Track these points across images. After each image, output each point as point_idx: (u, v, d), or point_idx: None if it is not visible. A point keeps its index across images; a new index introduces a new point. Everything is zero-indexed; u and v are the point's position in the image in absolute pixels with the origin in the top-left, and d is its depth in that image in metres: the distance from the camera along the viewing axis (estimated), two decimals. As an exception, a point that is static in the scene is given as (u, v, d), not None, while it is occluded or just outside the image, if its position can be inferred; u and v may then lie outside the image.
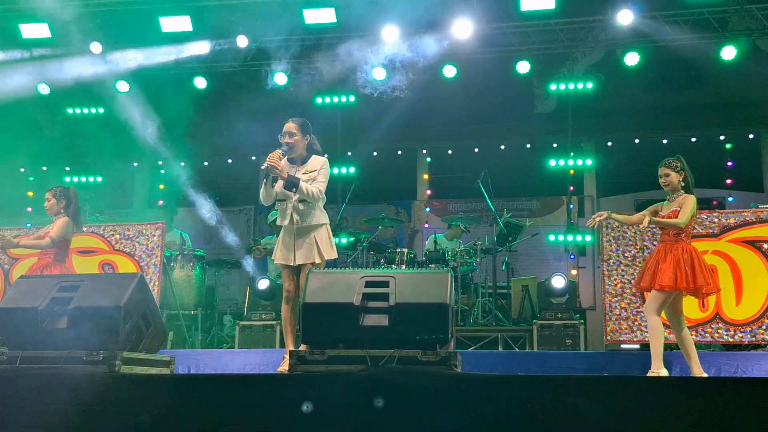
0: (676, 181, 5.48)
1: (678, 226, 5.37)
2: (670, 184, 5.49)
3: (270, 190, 5.37)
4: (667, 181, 5.50)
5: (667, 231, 5.47)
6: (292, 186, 5.25)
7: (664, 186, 5.53)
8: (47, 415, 3.28)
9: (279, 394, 3.24)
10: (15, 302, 4.32)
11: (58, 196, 6.41)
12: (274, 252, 5.52)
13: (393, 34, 9.49)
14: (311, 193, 5.29)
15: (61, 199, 6.40)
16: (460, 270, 8.81)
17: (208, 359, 6.78)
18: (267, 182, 5.35)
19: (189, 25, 9.64)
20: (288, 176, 5.27)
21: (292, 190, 5.26)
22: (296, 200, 5.32)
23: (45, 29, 9.75)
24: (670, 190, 5.52)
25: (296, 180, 5.27)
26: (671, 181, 5.48)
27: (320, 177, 5.38)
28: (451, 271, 4.14)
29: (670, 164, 5.51)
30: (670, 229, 5.44)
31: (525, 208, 11.84)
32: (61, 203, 6.39)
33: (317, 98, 10.94)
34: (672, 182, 5.48)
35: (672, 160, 5.54)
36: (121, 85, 10.42)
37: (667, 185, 5.51)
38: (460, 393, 3.11)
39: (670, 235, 5.45)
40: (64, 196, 6.42)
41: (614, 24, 9.34)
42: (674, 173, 5.49)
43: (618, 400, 2.98)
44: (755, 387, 3.02)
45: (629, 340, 7.00)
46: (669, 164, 5.51)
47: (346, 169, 11.35)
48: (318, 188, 5.34)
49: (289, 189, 5.27)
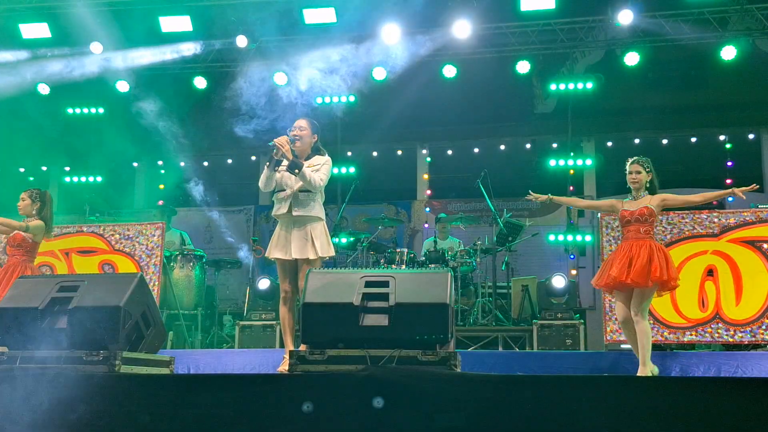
0: (644, 180, 5.60)
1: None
2: (638, 181, 5.60)
3: (271, 174, 5.36)
4: (637, 179, 5.60)
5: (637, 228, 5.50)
6: (295, 167, 5.24)
7: (633, 182, 5.62)
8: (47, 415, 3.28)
9: (279, 394, 3.24)
10: (15, 302, 4.31)
11: (34, 198, 6.42)
12: (268, 248, 5.48)
13: (393, 33, 9.49)
14: (312, 180, 5.29)
15: (36, 202, 6.41)
16: (460, 270, 8.81)
17: (208, 359, 6.78)
18: (270, 165, 5.35)
19: (189, 25, 9.65)
20: (293, 158, 5.26)
21: (295, 171, 5.25)
22: (297, 189, 5.32)
23: (45, 29, 9.76)
24: (636, 188, 5.62)
25: (300, 163, 5.28)
26: (641, 179, 5.60)
27: (323, 169, 5.43)
28: (451, 271, 4.14)
29: (642, 163, 5.63)
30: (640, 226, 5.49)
31: (525, 208, 11.84)
32: (35, 205, 6.40)
33: (317, 98, 10.94)
34: (641, 180, 5.60)
35: (643, 159, 5.66)
36: (121, 85, 10.42)
37: (636, 182, 5.61)
38: (460, 393, 3.11)
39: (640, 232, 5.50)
40: (40, 199, 6.42)
41: (614, 24, 9.35)
42: (644, 172, 5.61)
43: (618, 400, 2.98)
44: (755, 387, 3.02)
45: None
46: (641, 163, 5.63)
47: (346, 169, 11.35)
48: (320, 177, 5.36)
49: (291, 170, 5.26)
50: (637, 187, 5.61)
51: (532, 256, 11.25)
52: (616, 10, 9.12)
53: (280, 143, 5.26)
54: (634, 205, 5.58)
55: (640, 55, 9.70)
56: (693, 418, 2.88)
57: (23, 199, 6.43)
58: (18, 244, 6.32)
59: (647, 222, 5.53)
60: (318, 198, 5.43)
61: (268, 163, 5.36)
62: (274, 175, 5.37)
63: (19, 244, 6.32)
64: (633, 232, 5.51)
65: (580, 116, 11.01)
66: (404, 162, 12.78)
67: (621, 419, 2.93)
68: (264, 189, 5.45)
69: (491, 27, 9.87)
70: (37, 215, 6.38)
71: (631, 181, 5.63)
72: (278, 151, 5.28)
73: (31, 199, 6.42)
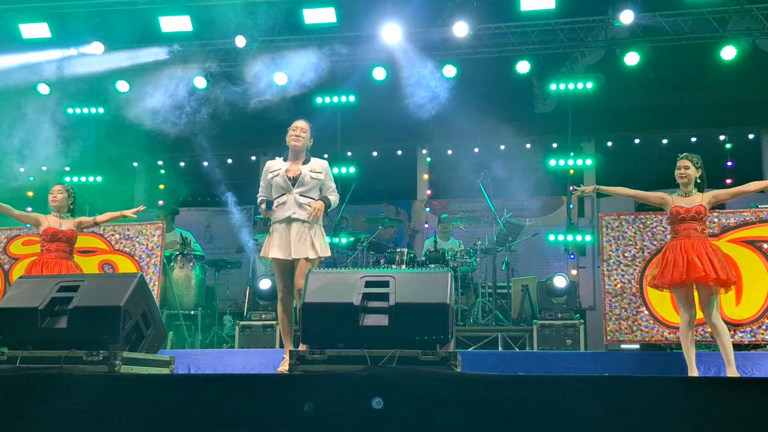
0: (694, 176, 5.51)
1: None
2: (687, 176, 5.50)
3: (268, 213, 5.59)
4: (685, 173, 5.50)
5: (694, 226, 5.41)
6: (327, 208, 5.54)
7: (681, 178, 5.52)
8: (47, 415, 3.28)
9: (279, 394, 3.24)
10: (15, 302, 4.31)
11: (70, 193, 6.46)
12: (265, 249, 5.51)
13: (393, 33, 9.49)
14: (332, 203, 5.57)
15: (71, 196, 6.48)
16: (460, 270, 8.81)
17: (208, 359, 6.78)
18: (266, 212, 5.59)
19: (189, 24, 9.65)
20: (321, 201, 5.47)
21: (327, 211, 5.58)
22: (297, 194, 5.37)
23: (45, 29, 9.76)
24: (685, 183, 5.51)
25: (326, 200, 5.50)
26: (690, 174, 5.50)
27: (330, 183, 5.60)
28: (451, 271, 4.14)
29: (692, 159, 5.54)
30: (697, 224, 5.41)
31: (525, 208, 11.84)
32: (70, 200, 6.46)
33: (317, 98, 10.95)
34: (690, 176, 5.50)
35: (693, 155, 5.56)
36: (121, 85, 10.42)
37: (684, 177, 5.50)
38: (460, 393, 3.11)
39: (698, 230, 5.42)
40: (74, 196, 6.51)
41: (614, 24, 9.35)
42: (694, 168, 5.52)
43: (618, 400, 2.98)
44: (755, 387, 3.02)
45: (629, 340, 6.99)
46: (691, 159, 5.54)
47: (346, 169, 11.34)
48: (335, 195, 5.62)
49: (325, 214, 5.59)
50: (686, 182, 5.51)
51: (532, 256, 11.25)
52: (616, 10, 9.12)
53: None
54: (686, 201, 5.48)
55: (640, 55, 9.70)
56: (693, 418, 2.88)
57: (60, 192, 6.42)
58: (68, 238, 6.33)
59: (703, 221, 5.46)
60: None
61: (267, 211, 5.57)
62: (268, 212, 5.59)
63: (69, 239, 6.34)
64: (689, 230, 5.39)
65: (580, 116, 11.00)
66: (404, 162, 12.77)
67: (621, 419, 2.93)
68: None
69: (491, 27, 9.88)
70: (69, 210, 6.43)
71: (680, 176, 5.52)
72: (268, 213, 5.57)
73: (68, 193, 6.45)
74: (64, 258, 6.25)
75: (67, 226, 6.34)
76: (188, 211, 12.15)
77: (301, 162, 5.49)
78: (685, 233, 5.41)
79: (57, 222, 6.33)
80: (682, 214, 5.42)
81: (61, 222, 6.35)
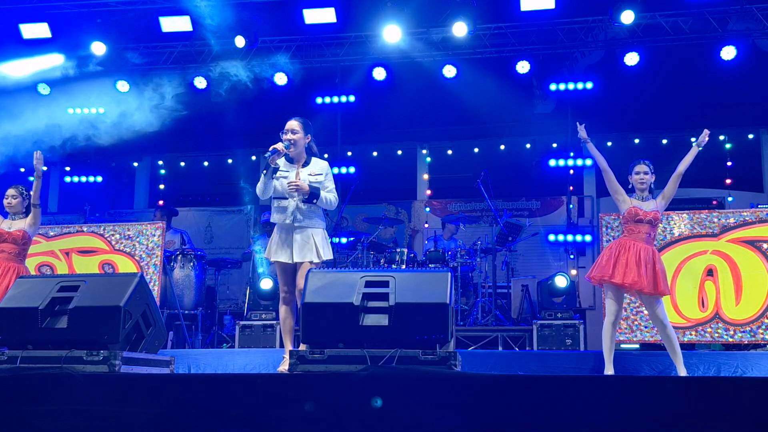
0: (650, 181, 5.67)
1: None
2: (646, 182, 5.65)
3: (269, 182, 5.33)
4: (644, 179, 5.65)
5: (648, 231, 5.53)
6: (313, 197, 5.29)
7: (641, 183, 5.65)
8: (47, 415, 3.28)
9: (279, 394, 3.24)
10: (15, 302, 4.31)
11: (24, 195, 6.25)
12: (268, 250, 5.48)
13: (393, 33, 9.49)
14: (330, 201, 5.39)
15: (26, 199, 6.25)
16: (460, 270, 8.81)
17: (208, 359, 6.78)
18: (267, 173, 5.31)
19: (189, 25, 9.65)
20: (310, 187, 5.29)
21: (313, 201, 5.30)
22: (299, 199, 5.33)
23: (45, 29, 9.76)
24: (642, 189, 5.66)
25: (317, 191, 5.30)
26: (647, 179, 5.66)
27: (330, 184, 5.46)
28: (451, 271, 4.14)
29: (648, 165, 5.70)
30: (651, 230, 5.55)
31: (525, 208, 11.84)
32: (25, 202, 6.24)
33: (317, 98, 10.95)
34: (648, 181, 5.66)
35: (647, 161, 5.72)
36: (121, 85, 10.42)
37: (643, 183, 5.65)
38: (460, 393, 3.11)
39: (651, 236, 5.56)
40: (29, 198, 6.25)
41: (614, 24, 9.35)
42: (650, 174, 5.68)
43: (618, 401, 2.98)
44: (755, 387, 3.02)
45: (629, 340, 7.00)
46: (647, 164, 5.70)
47: (346, 169, 11.34)
48: (335, 195, 5.45)
49: (310, 201, 5.30)
50: (643, 188, 5.65)
51: (532, 256, 11.25)
52: (616, 11, 9.12)
53: (277, 146, 5.26)
54: (645, 205, 5.60)
55: (640, 55, 9.70)
56: (693, 418, 2.88)
57: (14, 197, 6.23)
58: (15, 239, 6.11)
59: (656, 227, 5.64)
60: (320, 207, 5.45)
61: (265, 170, 5.32)
62: (272, 182, 5.36)
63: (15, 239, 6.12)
64: (643, 234, 5.52)
65: (580, 116, 10.98)
66: (404, 162, 12.76)
67: (621, 419, 2.93)
68: (262, 197, 5.42)
69: (491, 27, 9.88)
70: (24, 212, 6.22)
71: (639, 181, 5.65)
72: (275, 158, 5.29)
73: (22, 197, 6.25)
74: (11, 260, 6.04)
75: (17, 227, 6.16)
76: (188, 211, 12.15)
77: (301, 165, 5.44)
78: (639, 236, 5.53)
79: (7, 224, 6.17)
80: (640, 216, 5.54)
81: (11, 224, 6.18)
